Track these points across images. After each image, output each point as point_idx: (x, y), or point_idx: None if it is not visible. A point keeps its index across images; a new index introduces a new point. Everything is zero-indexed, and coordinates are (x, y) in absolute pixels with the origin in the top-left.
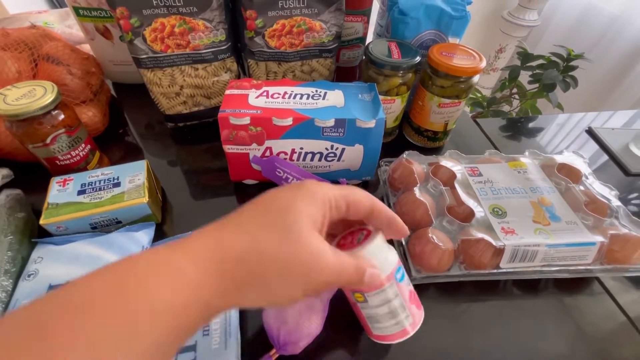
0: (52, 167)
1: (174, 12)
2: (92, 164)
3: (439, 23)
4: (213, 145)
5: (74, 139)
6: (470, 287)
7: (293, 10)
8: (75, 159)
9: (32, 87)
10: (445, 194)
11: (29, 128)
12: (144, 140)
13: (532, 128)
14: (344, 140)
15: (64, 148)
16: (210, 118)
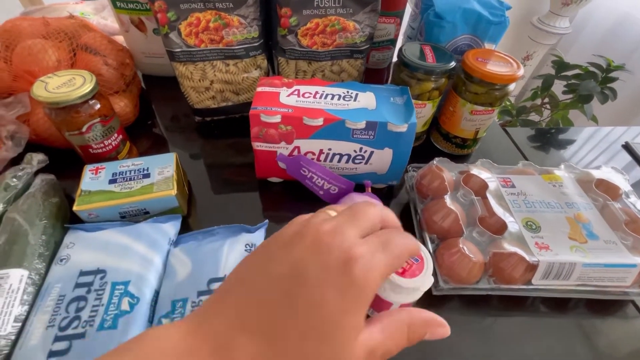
0: (85, 154)
1: (210, 7)
2: (123, 154)
3: (476, 28)
4: (238, 141)
5: (107, 129)
6: (496, 301)
7: (328, 9)
8: (107, 148)
9: (72, 76)
10: (477, 204)
11: (67, 116)
12: (170, 132)
13: (563, 140)
14: (374, 143)
15: (98, 137)
16: (237, 114)
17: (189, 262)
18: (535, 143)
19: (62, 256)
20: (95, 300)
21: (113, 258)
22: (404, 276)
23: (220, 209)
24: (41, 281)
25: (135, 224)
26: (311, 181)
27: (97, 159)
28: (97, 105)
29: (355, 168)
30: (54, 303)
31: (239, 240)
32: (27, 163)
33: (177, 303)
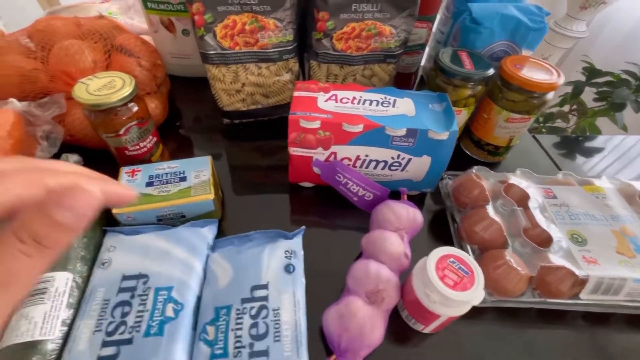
0: (120, 156)
1: (247, 9)
2: (156, 156)
3: (514, 34)
4: (264, 144)
5: (143, 131)
6: (534, 314)
7: (365, 14)
8: (142, 150)
9: (112, 78)
10: (520, 215)
11: (106, 118)
12: (194, 133)
13: (592, 148)
14: (413, 150)
15: (134, 139)
16: (265, 117)
17: (229, 268)
18: (562, 150)
19: (103, 259)
20: (139, 305)
21: (154, 263)
22: (455, 289)
23: (249, 212)
24: (84, 284)
25: (173, 228)
26: (345, 187)
27: (132, 160)
28: (135, 108)
29: (390, 175)
30: (99, 307)
31: (278, 246)
32: None
33: (221, 310)
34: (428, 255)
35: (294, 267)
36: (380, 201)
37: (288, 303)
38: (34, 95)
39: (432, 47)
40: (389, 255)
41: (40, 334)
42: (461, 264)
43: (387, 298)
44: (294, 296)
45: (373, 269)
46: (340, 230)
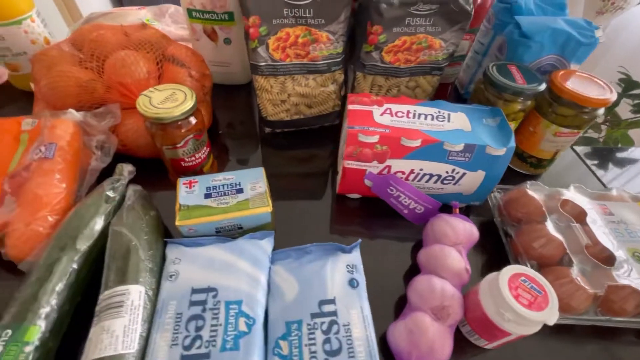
0: (174, 167)
1: (301, 22)
2: (207, 167)
3: (564, 48)
4: (302, 152)
5: (200, 143)
6: (590, 330)
7: (418, 27)
8: (196, 161)
9: (173, 91)
10: (579, 232)
11: (168, 131)
12: (232, 141)
13: (628, 159)
14: (468, 165)
15: (190, 151)
16: (307, 126)
17: (294, 281)
18: (595, 161)
19: (170, 272)
20: (212, 319)
21: (221, 276)
22: (531, 308)
23: (295, 222)
24: (154, 297)
25: (234, 241)
26: (397, 200)
27: (184, 171)
28: (194, 121)
29: (442, 188)
30: (173, 321)
31: (339, 259)
32: (119, 174)
33: (292, 325)
34: (498, 273)
35: (357, 282)
36: (430, 214)
37: (357, 319)
38: (89, 106)
39: (469, 58)
40: (451, 271)
41: (122, 348)
42: (533, 283)
43: (453, 314)
44: (362, 312)
45: (438, 285)
46: (387, 241)
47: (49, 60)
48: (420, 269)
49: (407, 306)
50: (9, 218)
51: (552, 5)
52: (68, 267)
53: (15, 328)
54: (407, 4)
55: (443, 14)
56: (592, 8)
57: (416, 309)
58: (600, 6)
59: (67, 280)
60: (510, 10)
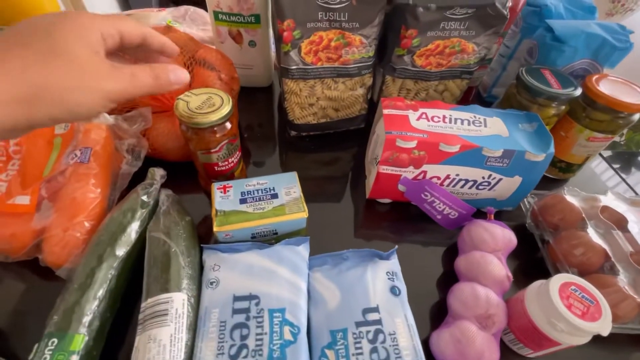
0: (207, 172)
1: (335, 26)
2: (238, 171)
3: (597, 53)
4: (327, 155)
5: (234, 147)
6: (629, 338)
7: (452, 31)
8: (229, 166)
9: (209, 95)
10: (622, 239)
11: (204, 135)
12: (255, 144)
13: None
14: (505, 171)
15: (224, 155)
16: (332, 130)
17: (336, 289)
18: (617, 164)
19: (210, 279)
20: (257, 328)
21: (261, 283)
22: (585, 319)
23: (325, 226)
24: (196, 305)
25: (272, 247)
26: (431, 205)
27: (216, 176)
28: (229, 126)
29: (476, 193)
30: (217, 329)
31: (378, 266)
32: (151, 178)
33: (337, 334)
34: (546, 282)
35: (399, 290)
36: (463, 220)
37: (402, 327)
38: (120, 109)
39: (494, 61)
40: (493, 279)
41: (170, 357)
42: (584, 292)
43: (498, 322)
44: (406, 320)
45: (482, 293)
46: (418, 246)
47: None
48: (459, 276)
49: (449, 314)
50: (47, 223)
51: (582, 9)
52: (108, 274)
53: (60, 337)
54: (444, 8)
55: (479, 17)
56: (601, 10)
57: (460, 317)
58: (609, 8)
59: (107, 287)
60: (540, 13)
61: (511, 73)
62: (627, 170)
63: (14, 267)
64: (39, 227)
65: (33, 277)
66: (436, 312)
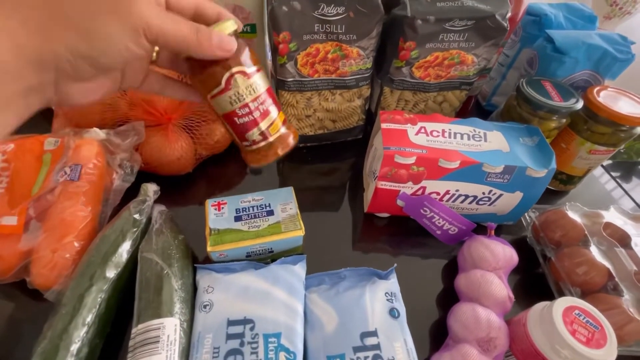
0: (235, 132)
1: (332, 38)
2: (276, 126)
3: (599, 64)
4: (324, 166)
5: (252, 84)
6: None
7: (451, 43)
8: (254, 116)
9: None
10: (625, 257)
11: (203, 67)
12: None
13: None
14: (506, 186)
15: (242, 96)
16: (330, 141)
17: (332, 312)
18: (616, 173)
19: (204, 302)
20: (251, 354)
21: (256, 306)
22: (589, 346)
23: (322, 241)
24: (189, 329)
25: (267, 267)
26: (430, 220)
27: (243, 136)
28: (233, 44)
29: (476, 209)
30: (210, 356)
31: (377, 287)
32: (144, 195)
33: (334, 359)
34: (549, 305)
35: (398, 312)
36: (463, 235)
37: (402, 353)
38: (112, 123)
39: (494, 70)
40: (494, 300)
41: None
42: (588, 317)
43: (499, 346)
44: (405, 345)
45: (483, 315)
46: (416, 261)
47: None
48: (459, 295)
49: (450, 336)
50: (35, 244)
51: (582, 18)
52: (97, 298)
53: None
54: (443, 20)
55: (478, 29)
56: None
57: (460, 340)
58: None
59: (97, 312)
60: (539, 23)
61: (510, 82)
62: (628, 180)
63: (0, 290)
64: (27, 248)
65: (20, 299)
66: (436, 332)
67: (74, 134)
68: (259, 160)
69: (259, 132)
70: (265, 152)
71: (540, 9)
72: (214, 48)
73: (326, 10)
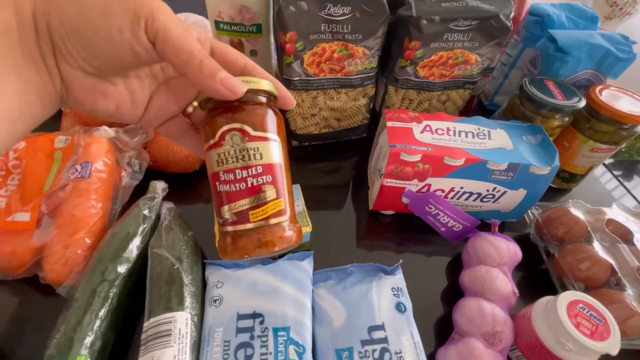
0: (214, 196)
1: (338, 38)
2: (265, 213)
3: (601, 63)
4: (329, 165)
5: (248, 149)
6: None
7: (455, 43)
8: (237, 187)
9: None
10: (628, 253)
11: (208, 114)
12: None
13: None
14: (510, 183)
15: (228, 160)
16: (335, 139)
17: (340, 306)
18: (618, 172)
19: (214, 297)
20: (261, 347)
21: (266, 300)
22: (594, 338)
23: (327, 238)
24: (199, 323)
25: (275, 262)
26: (435, 218)
27: (218, 208)
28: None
29: (480, 206)
30: (221, 349)
31: (383, 282)
32: (153, 192)
33: (343, 353)
34: (553, 299)
35: (404, 307)
36: (468, 232)
37: (409, 346)
38: (120, 123)
39: (497, 69)
40: (499, 294)
41: None
42: (592, 310)
43: (504, 340)
44: (412, 338)
45: (488, 309)
46: (421, 258)
47: None
48: (464, 291)
49: (455, 331)
50: (47, 240)
51: (584, 18)
52: (110, 292)
53: (62, 359)
54: (447, 20)
55: (482, 29)
56: (600, 13)
57: (466, 334)
58: (608, 11)
59: (109, 306)
60: (542, 23)
61: (513, 81)
62: (629, 178)
63: (13, 285)
64: (39, 244)
65: (33, 295)
66: (441, 327)
67: (83, 132)
68: (225, 250)
69: (236, 211)
70: (236, 241)
71: (543, 9)
72: (216, 82)
73: (333, 11)
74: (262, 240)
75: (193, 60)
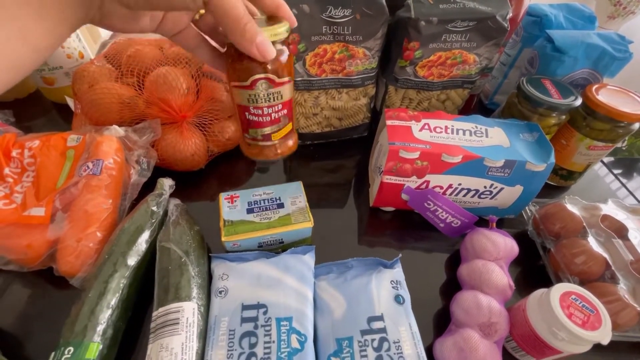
0: (241, 121)
1: (339, 39)
2: (278, 135)
3: (597, 63)
4: (331, 163)
5: (273, 94)
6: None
7: (454, 43)
8: (264, 119)
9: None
10: (622, 248)
11: (241, 59)
12: None
13: None
14: (507, 180)
15: (259, 99)
16: (336, 138)
17: (341, 298)
18: (618, 170)
19: (219, 288)
20: (265, 336)
21: (269, 292)
22: (585, 328)
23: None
24: (206, 313)
25: (278, 256)
26: (433, 214)
27: (246, 128)
28: (271, 52)
29: (478, 202)
30: (226, 338)
31: (383, 275)
32: (161, 189)
33: (343, 342)
34: (547, 291)
35: (403, 299)
36: (466, 228)
37: (407, 336)
38: (130, 121)
39: (496, 69)
40: (495, 287)
41: None
42: (584, 301)
43: (500, 330)
44: (410, 328)
45: (484, 301)
46: (420, 253)
47: (90, 76)
48: (462, 284)
49: (452, 322)
50: (60, 234)
51: (582, 19)
52: (120, 283)
53: (76, 345)
54: (446, 21)
55: (479, 30)
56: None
57: (462, 325)
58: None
59: (120, 296)
60: (540, 23)
61: (512, 81)
62: (629, 176)
63: (29, 277)
64: (53, 238)
65: (47, 286)
66: (439, 320)
67: (94, 131)
68: (254, 155)
69: (262, 134)
70: (261, 150)
71: (541, 10)
72: (253, 47)
73: (334, 13)
74: (278, 150)
75: (238, 24)
